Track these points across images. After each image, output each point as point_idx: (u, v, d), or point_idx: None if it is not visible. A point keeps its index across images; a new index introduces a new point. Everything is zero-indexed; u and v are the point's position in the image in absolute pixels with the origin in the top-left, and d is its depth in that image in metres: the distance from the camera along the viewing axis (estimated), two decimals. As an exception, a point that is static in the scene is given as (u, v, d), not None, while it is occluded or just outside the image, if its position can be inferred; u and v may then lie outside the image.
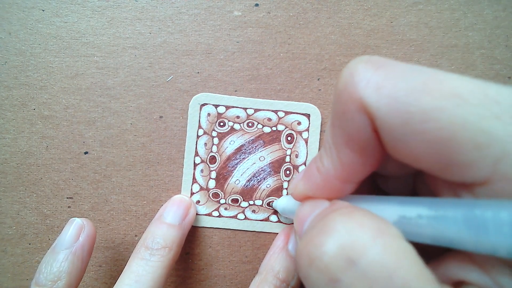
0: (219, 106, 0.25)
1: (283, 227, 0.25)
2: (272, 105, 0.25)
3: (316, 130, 0.25)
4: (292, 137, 0.25)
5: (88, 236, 0.22)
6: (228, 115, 0.25)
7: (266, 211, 0.25)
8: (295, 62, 0.25)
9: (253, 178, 0.25)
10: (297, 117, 0.25)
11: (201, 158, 0.25)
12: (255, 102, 0.25)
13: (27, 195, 0.25)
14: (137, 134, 0.25)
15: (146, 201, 0.25)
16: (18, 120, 0.25)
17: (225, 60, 0.25)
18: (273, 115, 0.25)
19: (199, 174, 0.25)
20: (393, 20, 0.25)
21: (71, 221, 0.22)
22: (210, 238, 0.25)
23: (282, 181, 0.25)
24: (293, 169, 0.25)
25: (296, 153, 0.25)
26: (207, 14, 0.25)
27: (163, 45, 0.25)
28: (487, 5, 0.25)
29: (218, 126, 0.25)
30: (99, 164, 0.25)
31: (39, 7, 0.25)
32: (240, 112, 0.25)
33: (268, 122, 0.25)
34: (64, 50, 0.25)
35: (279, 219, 0.25)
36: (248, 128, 0.25)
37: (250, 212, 0.25)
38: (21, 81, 0.25)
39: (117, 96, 0.25)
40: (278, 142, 0.25)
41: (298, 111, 0.25)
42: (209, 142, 0.25)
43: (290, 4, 0.26)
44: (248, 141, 0.25)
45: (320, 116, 0.25)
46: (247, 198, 0.25)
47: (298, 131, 0.25)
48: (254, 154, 0.25)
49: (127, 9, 0.25)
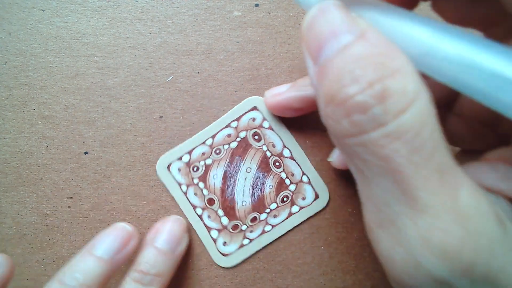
0: (183, 156, 0.25)
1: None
2: (222, 122, 0.25)
3: (270, 115, 0.25)
4: (258, 134, 0.25)
5: (2, 277, 0.20)
6: (194, 158, 0.25)
7: (284, 207, 0.25)
8: (295, 62, 0.25)
9: (255, 190, 0.25)
10: (248, 115, 0.25)
11: (201, 208, 0.25)
12: (207, 131, 0.25)
13: (27, 195, 0.25)
14: (137, 134, 0.25)
15: (146, 201, 0.25)
16: (18, 120, 0.25)
17: (225, 60, 0.25)
18: (230, 130, 0.25)
19: (209, 220, 0.25)
20: (393, 20, 0.26)
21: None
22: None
23: (279, 174, 0.25)
24: (279, 158, 0.25)
25: (271, 143, 0.25)
26: (207, 14, 0.25)
27: (163, 45, 0.25)
28: (487, 5, 0.25)
29: (193, 171, 0.25)
30: (99, 164, 0.25)
31: (39, 7, 0.25)
32: (201, 148, 0.25)
33: (229, 138, 0.25)
34: (64, 50, 0.25)
35: (299, 207, 0.25)
36: (219, 155, 0.25)
37: (273, 218, 0.25)
38: (21, 81, 0.25)
39: (117, 96, 0.25)
40: (250, 147, 0.25)
41: (245, 110, 0.25)
42: (197, 191, 0.25)
43: (290, 4, 0.26)
44: (227, 164, 0.25)
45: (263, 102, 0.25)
46: (262, 209, 0.25)
47: (258, 126, 0.25)
48: (240, 171, 0.25)
49: (127, 9, 0.25)
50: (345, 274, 0.25)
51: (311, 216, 0.25)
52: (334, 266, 0.25)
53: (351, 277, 0.25)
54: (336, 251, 0.25)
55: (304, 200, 0.25)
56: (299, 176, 0.25)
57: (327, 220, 0.25)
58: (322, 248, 0.25)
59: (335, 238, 0.25)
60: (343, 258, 0.25)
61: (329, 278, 0.25)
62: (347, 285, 0.25)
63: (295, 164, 0.25)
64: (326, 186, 0.25)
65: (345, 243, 0.25)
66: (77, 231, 0.25)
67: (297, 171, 0.25)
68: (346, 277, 0.25)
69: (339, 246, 0.25)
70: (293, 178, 0.25)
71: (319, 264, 0.25)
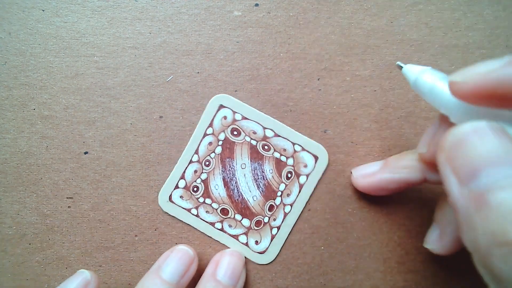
0: (178, 182, 0.25)
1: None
2: (199, 134, 0.25)
3: (238, 106, 0.25)
4: (235, 129, 0.25)
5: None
6: (190, 179, 0.25)
7: (293, 183, 0.25)
8: (295, 62, 0.25)
9: (258, 181, 0.25)
10: (218, 116, 0.25)
11: (219, 222, 0.25)
12: (189, 150, 0.25)
13: (27, 195, 0.25)
14: (137, 134, 0.25)
15: (146, 201, 0.25)
16: (18, 120, 0.25)
17: (225, 60, 0.25)
18: (209, 138, 0.25)
19: (231, 229, 0.25)
20: (393, 20, 0.26)
21: (79, 273, 0.22)
22: (210, 238, 0.25)
23: (272, 155, 0.25)
24: (265, 142, 0.25)
25: (252, 131, 0.25)
26: (207, 14, 0.25)
27: (163, 45, 0.25)
28: (487, 5, 0.25)
29: (194, 192, 0.25)
30: (99, 164, 0.25)
31: (39, 7, 0.25)
32: (191, 167, 0.25)
33: (211, 146, 0.25)
34: (64, 50, 0.25)
35: (306, 175, 0.25)
36: (209, 166, 0.25)
37: (287, 198, 0.25)
38: (21, 81, 0.25)
39: (117, 96, 0.25)
40: (235, 144, 0.25)
41: (213, 113, 0.25)
42: (207, 208, 0.25)
43: (290, 4, 0.26)
44: (221, 171, 0.25)
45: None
46: (273, 195, 0.25)
47: (232, 122, 0.25)
48: (236, 171, 0.25)
49: (127, 9, 0.25)
50: (345, 274, 0.25)
51: (321, 178, 0.25)
52: (334, 266, 0.25)
53: (351, 277, 0.25)
54: (336, 251, 0.25)
55: (306, 168, 0.25)
56: (291, 149, 0.25)
57: (327, 220, 0.25)
58: (322, 248, 0.25)
59: (335, 238, 0.25)
60: (343, 258, 0.25)
61: (329, 278, 0.25)
62: (347, 285, 0.25)
63: (282, 139, 0.25)
64: (319, 144, 0.25)
65: (345, 243, 0.25)
66: (77, 231, 0.25)
67: (287, 145, 0.25)
68: (346, 277, 0.25)
69: (339, 246, 0.25)
70: (286, 152, 0.25)
71: (319, 264, 0.25)
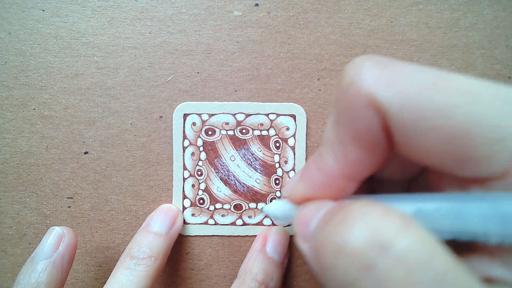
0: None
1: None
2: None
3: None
4: (211, 129, 0.25)
5: (68, 245, 0.21)
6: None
7: (285, 149, 0.25)
8: (295, 62, 0.25)
9: (254, 165, 0.25)
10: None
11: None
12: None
13: (27, 195, 0.25)
14: (137, 134, 0.25)
15: (146, 201, 0.25)
16: (18, 120, 0.25)
17: (225, 60, 0.25)
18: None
19: None
20: (393, 20, 0.25)
21: (50, 230, 0.22)
22: (210, 238, 0.25)
23: (252, 135, 0.25)
24: (239, 125, 0.25)
25: (224, 122, 0.25)
26: (207, 14, 0.25)
27: (163, 45, 0.25)
28: (487, 5, 0.25)
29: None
30: (99, 164, 0.25)
31: (39, 7, 0.25)
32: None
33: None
34: (64, 50, 0.25)
35: (293, 136, 0.25)
36: (201, 176, 0.25)
37: (287, 165, 0.25)
38: (21, 81, 0.25)
39: (117, 96, 0.25)
40: (214, 144, 0.25)
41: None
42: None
43: (290, 4, 0.26)
44: (216, 173, 0.25)
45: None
46: (274, 170, 0.25)
47: None
48: (229, 166, 0.25)
49: (127, 9, 0.25)
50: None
51: (307, 132, 0.25)
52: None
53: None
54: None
55: (289, 130, 0.25)
56: (267, 120, 0.25)
57: (327, 220, 0.25)
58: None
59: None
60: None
61: (329, 278, 0.25)
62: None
63: (254, 116, 0.25)
64: (290, 103, 0.25)
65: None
66: (77, 231, 0.25)
67: (262, 118, 0.25)
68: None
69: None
70: (264, 126, 0.25)
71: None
